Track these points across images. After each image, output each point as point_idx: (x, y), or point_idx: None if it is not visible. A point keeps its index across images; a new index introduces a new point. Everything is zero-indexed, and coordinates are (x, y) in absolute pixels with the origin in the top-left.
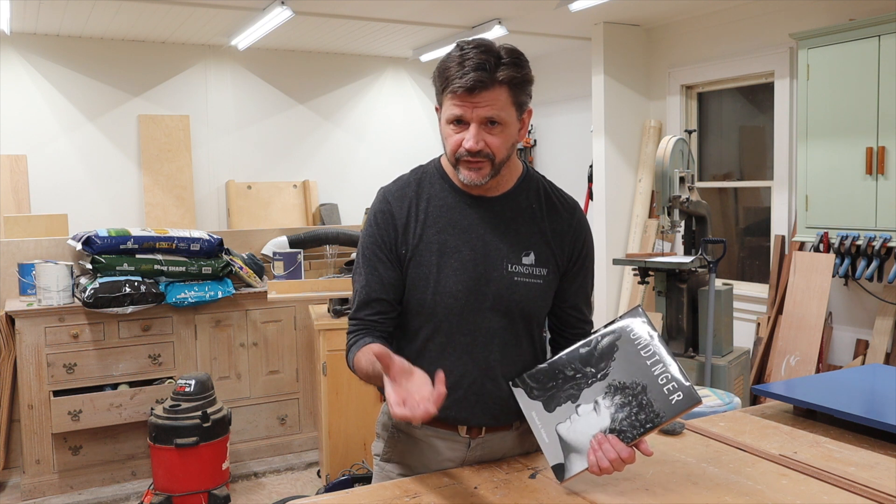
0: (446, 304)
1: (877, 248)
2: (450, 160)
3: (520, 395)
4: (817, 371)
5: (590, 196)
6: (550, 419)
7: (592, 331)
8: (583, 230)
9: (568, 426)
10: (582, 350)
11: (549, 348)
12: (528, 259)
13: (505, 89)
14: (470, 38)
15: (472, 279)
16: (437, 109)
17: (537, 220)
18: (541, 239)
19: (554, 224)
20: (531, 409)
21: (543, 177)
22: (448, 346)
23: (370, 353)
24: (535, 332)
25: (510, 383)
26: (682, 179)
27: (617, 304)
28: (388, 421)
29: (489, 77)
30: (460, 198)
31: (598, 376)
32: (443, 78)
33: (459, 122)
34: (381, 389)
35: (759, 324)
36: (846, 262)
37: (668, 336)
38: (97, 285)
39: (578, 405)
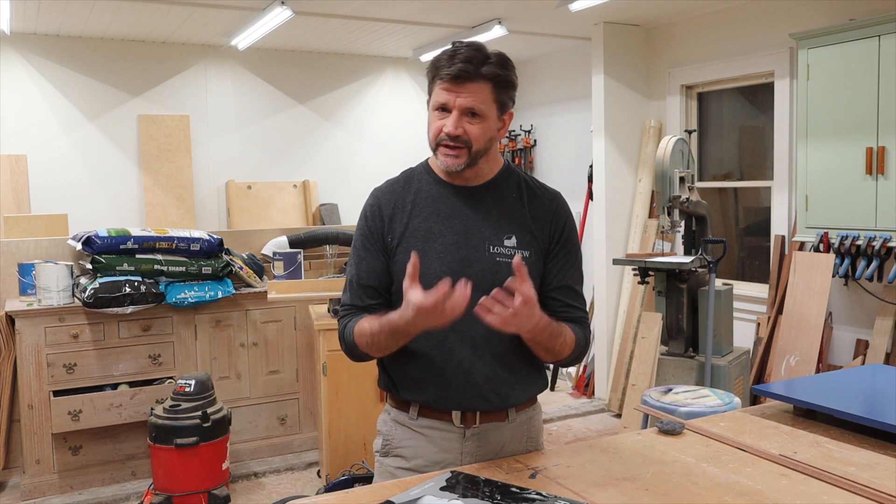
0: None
1: (877, 248)
2: (431, 146)
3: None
4: (817, 371)
5: (590, 196)
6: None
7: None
8: (563, 214)
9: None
10: None
11: None
12: (510, 241)
13: (488, 85)
14: (465, 40)
15: (454, 261)
16: (428, 102)
17: (518, 207)
18: (522, 223)
19: (535, 210)
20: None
21: (524, 171)
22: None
23: (373, 318)
24: None
25: None
26: (682, 179)
27: (617, 304)
28: (387, 416)
29: (474, 69)
30: (444, 188)
31: None
32: (434, 68)
33: (443, 110)
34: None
35: (759, 324)
36: (846, 262)
37: (669, 336)
38: (97, 285)
39: None
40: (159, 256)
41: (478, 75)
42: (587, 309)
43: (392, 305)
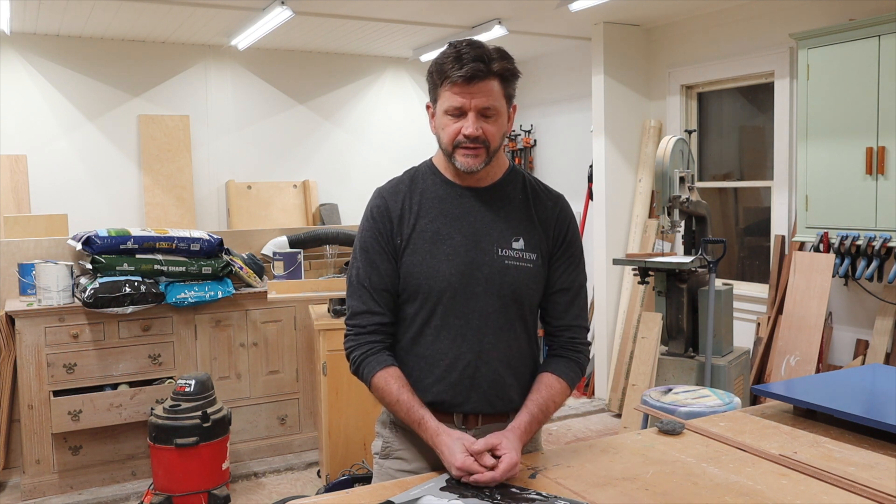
0: (440, 288)
1: (877, 248)
2: (446, 150)
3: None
4: (817, 371)
5: (590, 196)
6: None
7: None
8: (566, 217)
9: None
10: None
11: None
12: (518, 244)
13: (497, 81)
14: (461, 39)
15: (463, 264)
16: (428, 108)
17: (525, 209)
18: (529, 225)
19: (540, 212)
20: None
21: (528, 172)
22: (442, 329)
23: (403, 387)
24: (529, 318)
25: None
26: (682, 179)
27: (617, 304)
28: (387, 418)
29: (486, 68)
30: (451, 189)
31: None
32: (440, 73)
33: (457, 114)
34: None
35: (759, 324)
36: (846, 262)
37: (669, 336)
38: (97, 285)
39: None
40: (159, 256)
41: (489, 73)
42: (587, 313)
43: (398, 305)
